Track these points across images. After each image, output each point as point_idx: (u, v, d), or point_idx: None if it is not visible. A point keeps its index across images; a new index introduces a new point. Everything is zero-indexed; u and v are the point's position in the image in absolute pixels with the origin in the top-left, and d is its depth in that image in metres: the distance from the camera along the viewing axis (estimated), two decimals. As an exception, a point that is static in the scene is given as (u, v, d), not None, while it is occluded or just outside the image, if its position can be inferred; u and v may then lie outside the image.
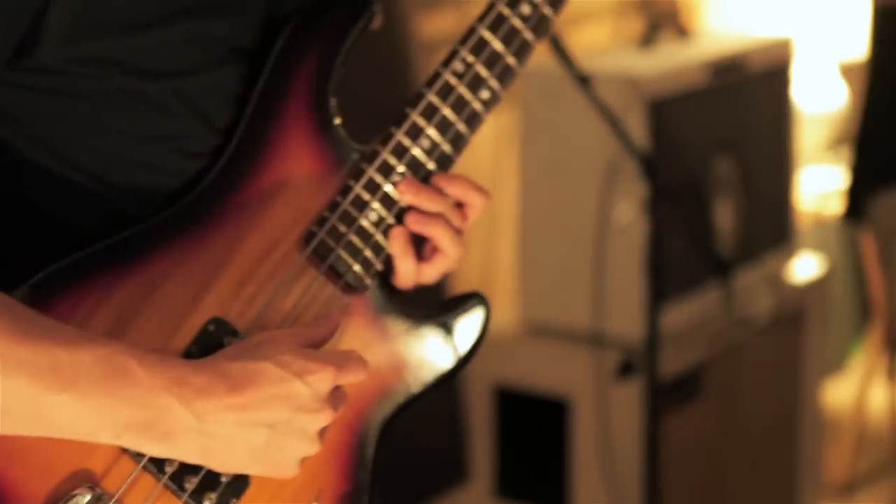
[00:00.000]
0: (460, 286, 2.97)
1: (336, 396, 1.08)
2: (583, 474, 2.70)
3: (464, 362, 1.19)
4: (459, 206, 1.19)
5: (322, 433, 1.08)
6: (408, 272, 1.17)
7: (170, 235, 1.10)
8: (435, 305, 1.19)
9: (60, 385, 0.98)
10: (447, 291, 2.82)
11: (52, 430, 1.01)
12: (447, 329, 1.18)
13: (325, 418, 1.06)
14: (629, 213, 2.53)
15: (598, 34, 3.38)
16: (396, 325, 1.17)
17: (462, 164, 3.07)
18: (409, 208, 1.17)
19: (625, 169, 2.51)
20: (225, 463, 1.05)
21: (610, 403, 2.63)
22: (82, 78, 1.06)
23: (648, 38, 2.91)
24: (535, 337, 2.75)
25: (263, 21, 1.14)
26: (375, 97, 2.30)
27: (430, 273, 1.19)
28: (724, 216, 2.84)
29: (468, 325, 1.18)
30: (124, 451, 1.07)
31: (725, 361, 2.79)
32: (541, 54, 2.45)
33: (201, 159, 1.12)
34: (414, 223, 1.16)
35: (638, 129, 2.58)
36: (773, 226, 2.97)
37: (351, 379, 1.09)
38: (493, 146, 3.06)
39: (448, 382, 1.19)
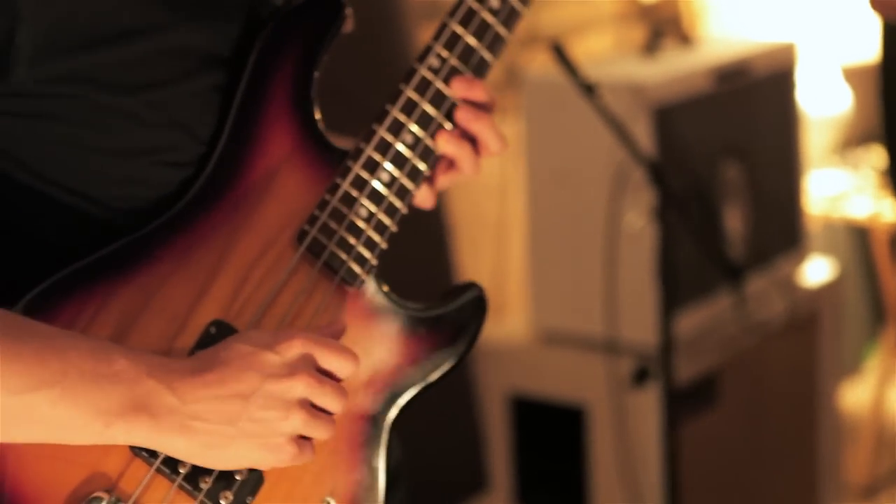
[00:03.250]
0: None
1: (314, 370, 1.07)
2: (601, 481, 2.70)
3: (464, 352, 1.20)
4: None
5: (311, 408, 1.07)
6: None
7: (164, 242, 1.11)
8: (432, 299, 1.20)
9: (48, 381, 1.00)
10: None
11: (44, 429, 1.02)
12: (445, 320, 1.19)
13: (299, 384, 1.06)
14: (638, 219, 2.53)
15: (600, 42, 3.39)
16: (395, 320, 1.18)
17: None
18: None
19: (632, 176, 2.52)
20: (211, 446, 1.05)
21: (626, 410, 2.63)
22: (56, 98, 1.07)
23: (652, 46, 2.92)
24: (549, 345, 2.76)
25: (240, 28, 1.15)
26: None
27: (443, 183, 1.25)
28: (734, 221, 2.84)
29: (466, 315, 1.19)
30: (136, 454, 1.08)
31: (741, 366, 2.79)
32: (545, 63, 2.46)
33: (186, 168, 1.13)
34: (464, 118, 1.20)
35: (644, 136, 2.58)
36: (783, 230, 2.97)
37: (330, 356, 1.08)
38: (499, 157, 3.06)
39: (452, 373, 1.20)
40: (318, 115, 1.18)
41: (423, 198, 1.23)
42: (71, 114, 1.08)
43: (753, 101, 2.89)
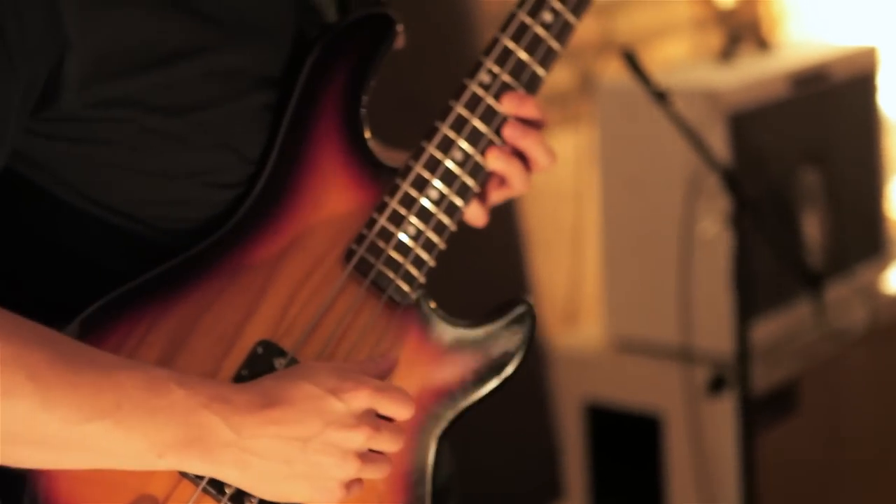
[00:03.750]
0: (547, 304, 2.96)
1: (375, 418, 1.08)
2: (677, 491, 2.68)
3: (514, 369, 1.19)
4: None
5: (367, 456, 1.08)
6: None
7: (211, 263, 1.12)
8: (481, 315, 1.20)
9: (102, 411, 1.01)
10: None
11: (98, 457, 1.03)
12: (494, 337, 1.18)
13: (359, 436, 1.07)
14: (713, 226, 2.51)
15: (677, 48, 3.37)
16: (444, 337, 1.18)
17: (543, 183, 3.06)
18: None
19: (707, 182, 2.50)
20: (264, 480, 1.06)
21: (703, 419, 2.61)
22: (105, 122, 1.08)
23: (729, 51, 2.89)
24: (624, 353, 2.74)
25: (288, 48, 1.15)
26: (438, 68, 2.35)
27: (494, 200, 1.24)
28: (813, 228, 2.81)
29: (514, 331, 1.18)
30: (183, 475, 1.09)
31: (822, 375, 2.76)
32: (619, 70, 2.44)
33: (234, 188, 1.14)
34: (512, 135, 1.19)
35: (720, 142, 2.56)
36: (864, 236, 2.93)
37: (391, 406, 1.09)
38: (573, 164, 3.06)
39: (501, 390, 1.19)
40: (367, 134, 1.18)
41: (474, 215, 1.22)
42: (120, 137, 1.09)
43: (833, 105, 2.85)
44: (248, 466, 1.05)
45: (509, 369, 1.18)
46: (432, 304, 1.19)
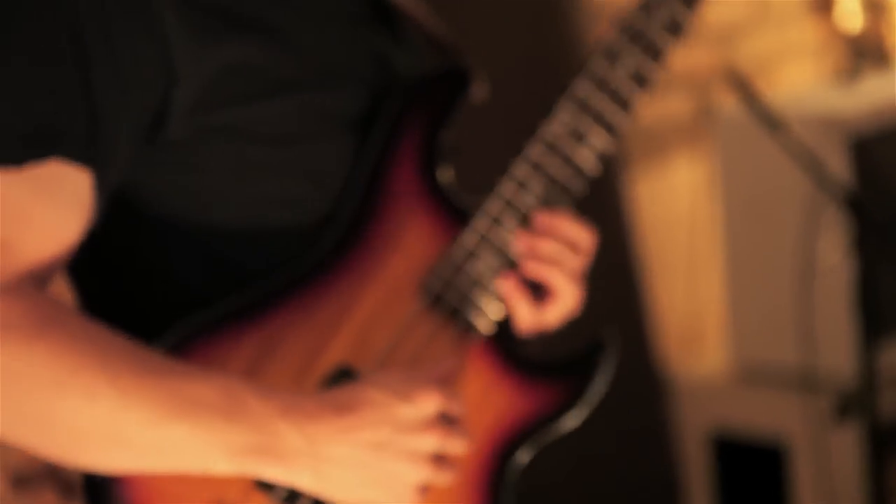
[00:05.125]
0: (667, 334, 2.95)
1: (446, 422, 1.11)
2: (805, 523, 2.63)
3: (588, 410, 1.21)
4: (573, 247, 1.22)
5: (438, 460, 1.11)
6: (527, 317, 1.21)
7: (294, 290, 1.16)
8: (564, 353, 1.22)
9: (179, 414, 1.05)
10: (653, 340, 2.81)
11: (172, 460, 1.08)
12: (571, 375, 1.21)
13: (431, 440, 1.10)
14: (835, 252, 2.48)
15: (802, 71, 3.33)
16: (522, 371, 1.21)
17: (663, 211, 3.05)
18: (524, 257, 1.21)
19: (828, 207, 2.47)
20: (339, 487, 1.10)
21: (829, 449, 2.56)
22: (206, 148, 1.13)
23: (852, 73, 2.85)
24: (747, 381, 2.71)
25: (373, 93, 1.21)
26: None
27: (551, 316, 1.23)
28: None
29: (596, 369, 1.21)
30: (256, 487, 1.12)
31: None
32: (733, 98, 2.43)
33: (317, 221, 1.18)
34: (529, 269, 1.21)
35: (841, 168, 2.53)
36: None
37: (457, 408, 1.12)
38: (691, 191, 3.04)
39: (575, 429, 1.20)
40: (445, 177, 1.22)
41: (522, 317, 1.23)
42: (219, 164, 1.14)
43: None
44: (323, 474, 1.08)
45: (585, 405, 1.21)
46: (512, 339, 1.21)
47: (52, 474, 2.01)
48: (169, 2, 1.09)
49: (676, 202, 3.01)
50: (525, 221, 1.21)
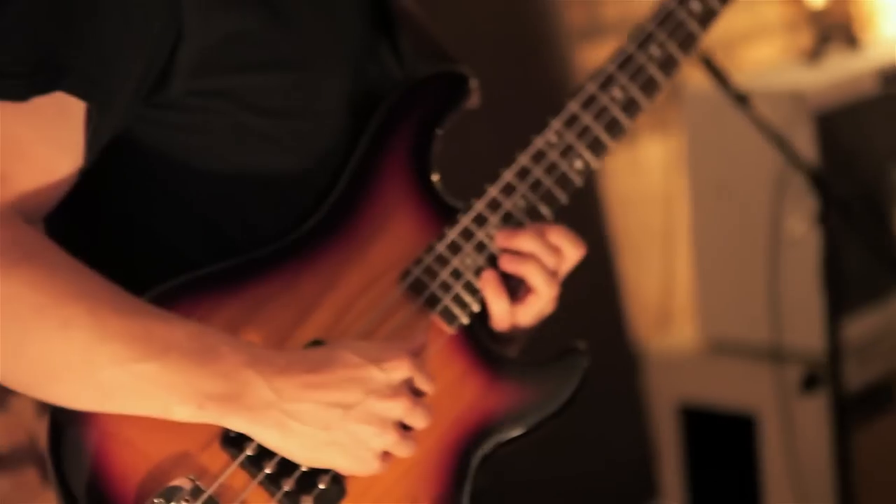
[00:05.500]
0: (639, 309, 2.99)
1: (411, 390, 1.14)
2: (773, 490, 2.69)
3: (558, 413, 1.24)
4: (555, 251, 1.25)
5: (402, 429, 1.13)
6: (501, 312, 1.24)
7: (277, 264, 1.19)
8: (541, 356, 1.26)
9: (152, 353, 1.07)
10: (625, 315, 2.86)
11: (140, 401, 1.09)
12: (545, 377, 1.24)
13: (399, 406, 1.13)
14: (801, 226, 2.53)
15: (769, 50, 3.37)
16: (495, 368, 1.24)
17: (633, 188, 3.10)
18: (503, 251, 1.25)
19: (794, 183, 2.51)
20: (302, 445, 1.11)
21: (797, 418, 2.62)
22: (203, 112, 1.17)
23: (818, 51, 2.90)
24: (717, 354, 2.76)
25: (367, 88, 1.25)
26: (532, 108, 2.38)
27: (525, 314, 1.26)
28: (906, 225, 2.80)
29: (566, 376, 1.24)
30: (223, 447, 1.14)
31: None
32: (704, 76, 2.48)
33: (306, 198, 1.22)
34: (507, 263, 1.24)
35: (807, 143, 2.57)
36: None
37: (425, 380, 1.15)
38: (662, 169, 3.08)
39: (544, 427, 1.24)
40: (435, 176, 1.26)
41: (498, 312, 1.26)
42: (215, 128, 1.17)
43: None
44: (288, 429, 1.10)
45: (554, 408, 1.24)
46: (488, 335, 1.25)
47: (33, 453, 2.02)
48: None
49: (648, 179, 3.05)
50: (509, 222, 1.26)
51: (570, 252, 1.26)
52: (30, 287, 1.06)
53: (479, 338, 1.24)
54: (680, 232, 3.01)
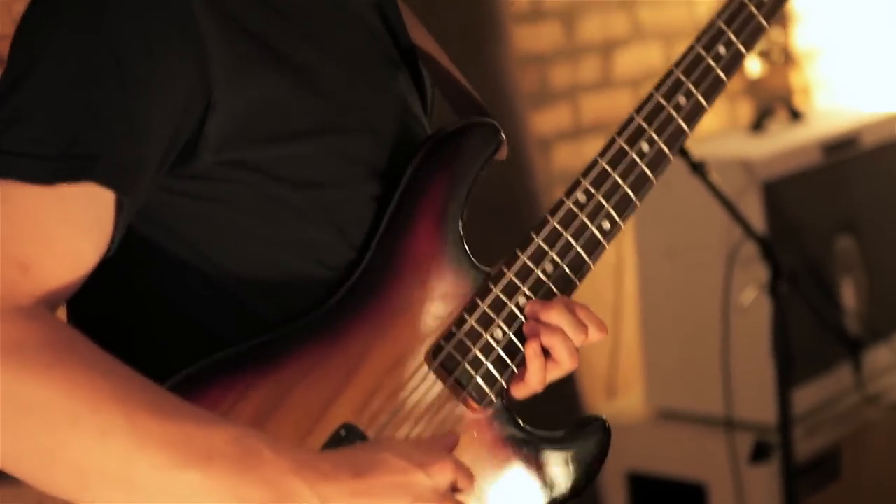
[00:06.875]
0: (588, 374, 2.98)
1: (454, 494, 1.10)
2: (723, 560, 2.67)
3: (581, 489, 1.22)
4: (580, 326, 1.23)
5: None
6: (534, 388, 1.21)
7: (305, 341, 1.15)
8: (559, 430, 1.23)
9: (193, 461, 1.02)
10: (575, 381, 2.84)
11: None
12: (567, 454, 1.22)
13: None
14: (751, 294, 2.53)
15: (710, 119, 3.40)
16: (518, 445, 1.21)
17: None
18: (533, 321, 1.21)
19: (743, 251, 2.52)
20: None
21: (747, 487, 2.61)
22: (231, 184, 1.13)
23: (760, 121, 2.93)
24: (667, 422, 2.75)
25: (399, 147, 1.21)
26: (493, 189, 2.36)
27: (542, 383, 1.23)
28: (850, 294, 2.82)
29: (588, 452, 1.23)
30: None
31: (863, 441, 2.76)
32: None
33: (335, 270, 1.18)
34: (536, 333, 1.21)
35: (755, 210, 2.59)
36: (901, 302, 2.94)
37: (467, 483, 1.12)
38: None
39: (570, 501, 1.22)
40: (463, 238, 1.22)
41: (533, 373, 1.23)
42: (244, 200, 1.13)
43: (864, 172, 2.88)
44: None
45: (580, 482, 1.22)
46: (511, 413, 1.22)
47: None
48: (214, 27, 1.09)
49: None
50: (539, 290, 1.22)
51: (594, 333, 1.23)
52: (63, 393, 1.01)
53: (501, 416, 1.21)
54: (629, 299, 3.01)
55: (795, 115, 2.99)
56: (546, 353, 1.21)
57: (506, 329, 1.21)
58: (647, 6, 3.23)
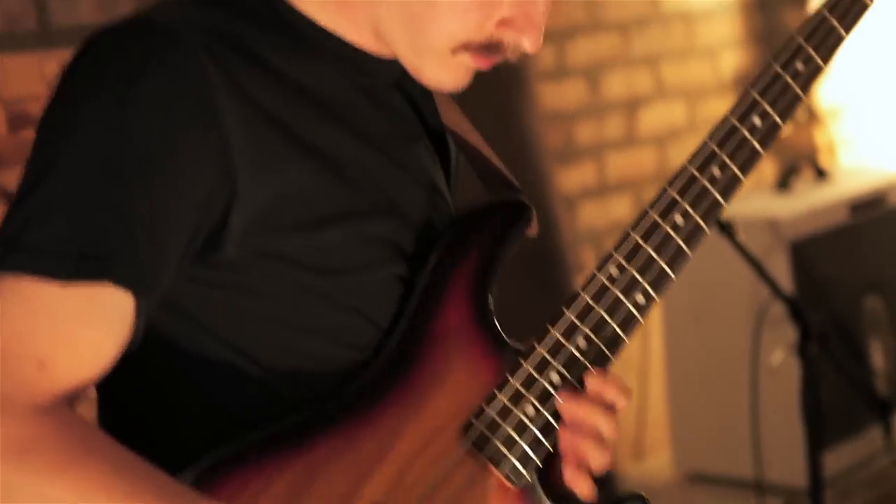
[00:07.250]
0: (616, 437, 2.94)
1: None
2: None
3: None
4: (611, 409, 1.19)
5: None
6: (581, 486, 1.17)
7: (333, 423, 1.13)
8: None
9: None
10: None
11: None
12: None
13: None
14: (780, 356, 2.50)
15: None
16: None
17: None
18: (563, 423, 1.18)
19: (771, 311, 2.50)
20: None
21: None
22: (255, 272, 1.11)
23: (786, 180, 2.91)
24: (695, 485, 2.72)
25: (420, 226, 1.20)
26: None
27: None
28: (878, 355, 2.79)
29: None
30: None
31: (893, 503, 2.72)
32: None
33: (363, 352, 1.16)
34: (570, 441, 1.18)
35: (782, 270, 2.57)
36: (930, 361, 2.90)
37: None
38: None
39: None
40: (494, 314, 1.19)
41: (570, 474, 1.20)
42: (270, 289, 1.12)
43: (891, 231, 2.86)
44: None
45: None
46: (547, 490, 1.19)
47: None
48: (237, 117, 1.08)
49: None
50: (570, 368, 1.19)
51: (621, 404, 1.20)
52: (77, 493, 1.00)
53: (536, 494, 1.18)
54: (656, 360, 2.98)
55: (821, 174, 2.97)
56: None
57: (539, 406, 1.17)
58: (670, 63, 3.22)
